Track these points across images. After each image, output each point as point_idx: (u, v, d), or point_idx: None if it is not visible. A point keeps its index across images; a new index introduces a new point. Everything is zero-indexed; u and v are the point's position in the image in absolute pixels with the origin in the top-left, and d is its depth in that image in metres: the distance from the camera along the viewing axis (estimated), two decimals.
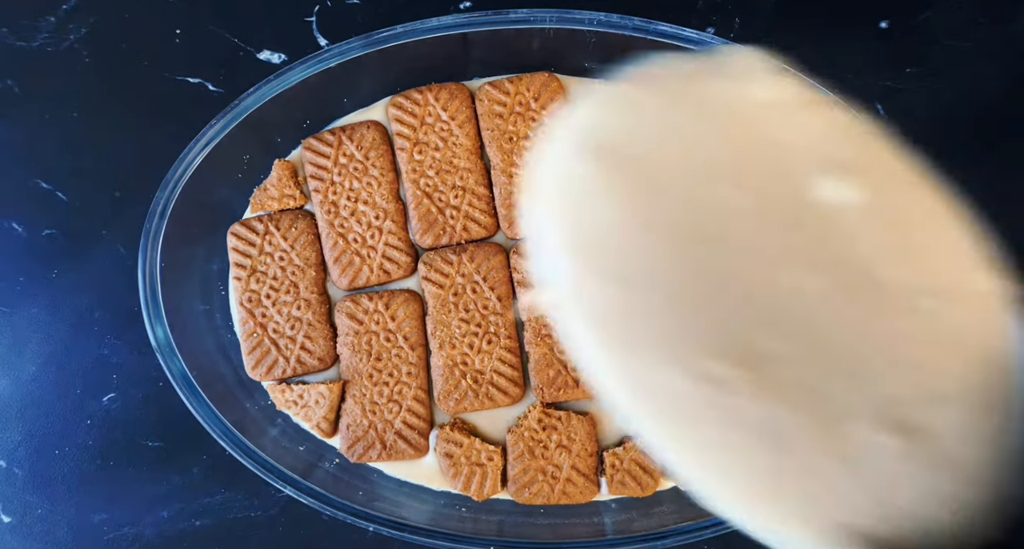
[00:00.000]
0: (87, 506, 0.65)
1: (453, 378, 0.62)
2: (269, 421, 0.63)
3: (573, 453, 0.61)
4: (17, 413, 0.66)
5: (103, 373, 0.66)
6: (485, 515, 0.62)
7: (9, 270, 0.67)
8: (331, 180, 0.64)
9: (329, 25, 0.69)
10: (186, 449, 0.66)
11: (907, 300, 0.33)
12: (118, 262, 0.66)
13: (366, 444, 0.62)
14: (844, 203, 0.34)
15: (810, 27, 0.69)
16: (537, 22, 0.59)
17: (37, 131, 0.68)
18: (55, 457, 0.66)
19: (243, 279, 0.63)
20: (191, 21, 0.68)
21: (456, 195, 0.64)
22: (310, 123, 0.65)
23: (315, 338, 0.63)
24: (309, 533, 0.65)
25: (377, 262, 0.64)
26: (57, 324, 0.67)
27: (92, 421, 0.66)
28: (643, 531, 0.59)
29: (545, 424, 0.62)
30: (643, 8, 0.65)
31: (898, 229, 0.35)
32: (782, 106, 0.36)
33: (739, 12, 0.69)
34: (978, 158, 0.68)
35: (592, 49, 0.62)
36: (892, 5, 0.68)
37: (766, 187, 0.33)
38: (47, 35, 0.68)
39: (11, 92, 0.68)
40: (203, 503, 0.65)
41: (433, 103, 0.64)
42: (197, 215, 0.61)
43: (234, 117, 0.60)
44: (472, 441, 0.62)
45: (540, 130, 0.60)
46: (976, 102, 0.68)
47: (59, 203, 0.67)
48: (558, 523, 0.62)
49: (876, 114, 0.68)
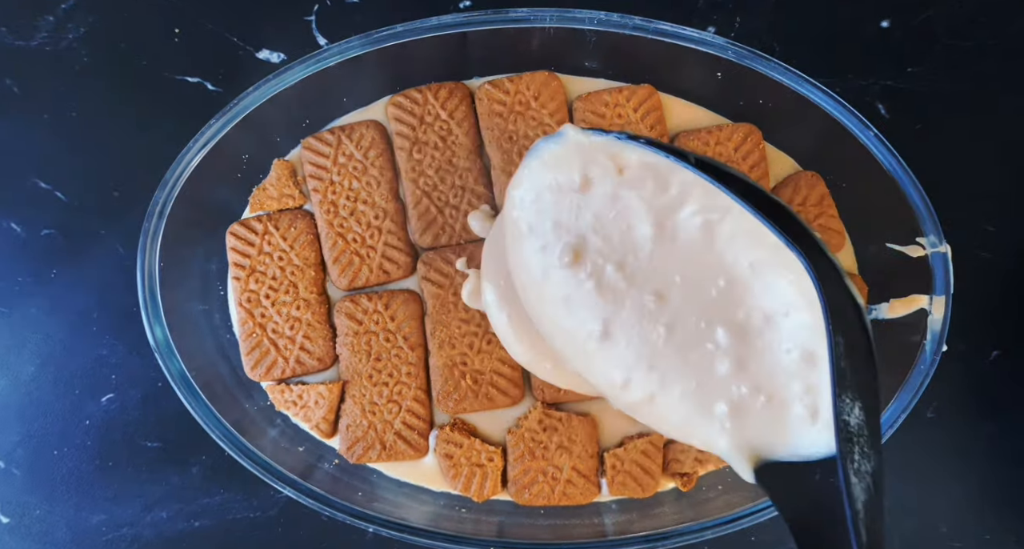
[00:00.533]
0: (86, 507, 0.65)
1: (452, 378, 0.62)
2: (268, 422, 0.63)
3: (573, 454, 0.61)
4: (15, 413, 0.66)
5: (102, 373, 0.66)
6: (485, 516, 0.62)
7: (8, 270, 0.67)
8: (330, 180, 0.64)
9: (329, 24, 0.68)
10: (185, 449, 0.66)
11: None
12: (117, 262, 0.66)
13: (365, 445, 0.62)
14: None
15: (810, 27, 0.69)
16: (537, 21, 0.59)
17: (36, 131, 0.68)
18: (53, 458, 0.66)
19: (242, 279, 0.63)
20: (190, 21, 0.68)
21: (455, 194, 0.64)
22: (310, 123, 0.65)
23: (314, 338, 0.63)
24: (309, 533, 0.65)
25: (376, 262, 0.63)
26: (56, 324, 0.66)
27: (91, 421, 0.66)
28: (643, 532, 0.59)
29: (545, 425, 0.62)
30: (643, 7, 0.65)
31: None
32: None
33: (739, 11, 0.69)
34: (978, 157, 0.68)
35: (592, 49, 0.62)
36: (892, 5, 0.68)
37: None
38: (46, 34, 0.68)
39: (10, 92, 0.68)
40: (202, 504, 0.65)
41: (432, 102, 0.64)
42: (196, 215, 0.61)
43: (233, 117, 0.59)
44: (472, 442, 0.61)
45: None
46: (976, 102, 0.68)
47: (58, 203, 0.67)
48: (558, 524, 0.62)
49: (876, 114, 0.68)
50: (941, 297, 0.58)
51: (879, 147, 0.59)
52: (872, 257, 0.63)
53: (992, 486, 0.65)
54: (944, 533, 0.65)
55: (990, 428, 0.66)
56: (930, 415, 0.65)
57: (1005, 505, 0.65)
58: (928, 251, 0.58)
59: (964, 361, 0.65)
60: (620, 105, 0.63)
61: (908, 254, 0.60)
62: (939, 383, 0.58)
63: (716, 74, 0.62)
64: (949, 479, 0.65)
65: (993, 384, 0.66)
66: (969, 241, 0.66)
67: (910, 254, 0.60)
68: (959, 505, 0.65)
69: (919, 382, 0.57)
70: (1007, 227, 0.67)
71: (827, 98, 0.59)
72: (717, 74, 0.62)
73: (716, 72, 0.62)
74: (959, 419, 0.66)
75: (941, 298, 0.58)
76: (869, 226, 0.63)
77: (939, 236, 0.58)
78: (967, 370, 0.66)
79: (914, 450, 0.65)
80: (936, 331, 0.58)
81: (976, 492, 0.65)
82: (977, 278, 0.65)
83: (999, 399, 0.66)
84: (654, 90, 0.64)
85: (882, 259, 0.62)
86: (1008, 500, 0.65)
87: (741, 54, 0.59)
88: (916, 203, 0.58)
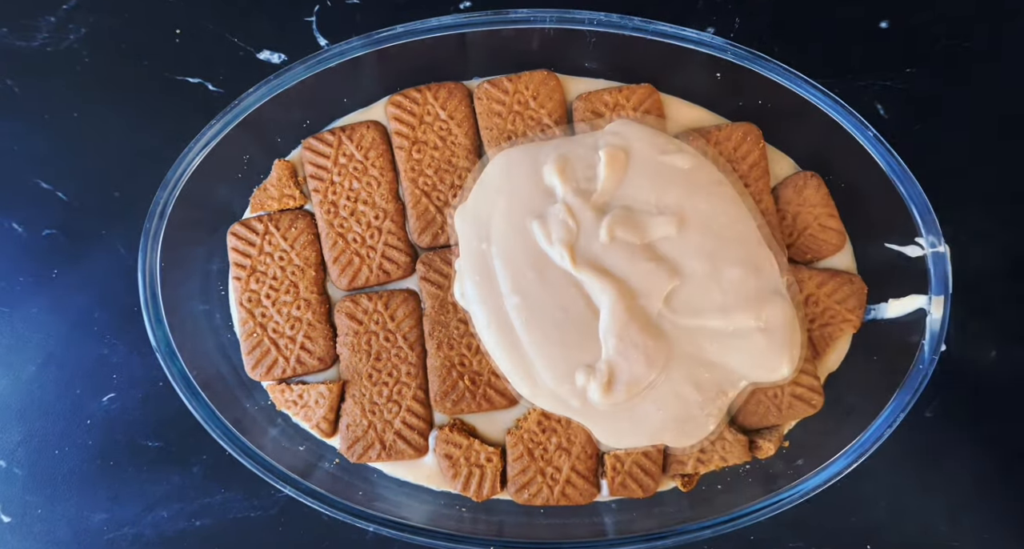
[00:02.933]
0: (87, 506, 0.65)
1: (450, 379, 0.62)
2: (269, 421, 0.63)
3: (573, 455, 0.61)
4: (17, 413, 0.66)
5: (103, 373, 0.66)
6: (485, 515, 0.62)
7: (9, 270, 0.67)
8: (331, 180, 0.64)
9: (329, 25, 0.69)
10: (186, 449, 0.66)
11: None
12: (118, 262, 0.66)
13: (365, 444, 0.62)
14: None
15: (810, 27, 0.69)
16: (537, 22, 0.59)
17: (37, 131, 0.68)
18: (55, 457, 0.66)
19: (243, 279, 0.63)
20: (191, 21, 0.68)
21: (455, 194, 0.64)
22: (310, 123, 0.65)
23: (315, 338, 0.63)
24: (309, 533, 0.65)
25: (376, 262, 0.64)
26: (57, 324, 0.67)
27: (92, 421, 0.66)
28: (643, 531, 0.59)
29: (545, 426, 0.62)
30: (643, 8, 0.65)
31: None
32: None
33: (739, 12, 0.69)
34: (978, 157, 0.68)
35: (592, 49, 0.62)
36: (892, 5, 0.68)
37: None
38: (47, 35, 0.68)
39: (11, 92, 0.68)
40: (203, 503, 0.65)
41: (432, 102, 0.64)
42: (197, 215, 0.61)
43: (234, 117, 0.60)
44: (471, 442, 0.62)
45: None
46: (975, 102, 0.68)
47: (59, 203, 0.67)
48: (558, 523, 0.62)
49: (875, 114, 0.68)
50: (940, 297, 0.58)
51: (878, 147, 0.59)
52: (871, 257, 0.63)
53: (991, 486, 0.65)
54: (944, 533, 0.65)
55: (989, 428, 0.66)
56: (929, 415, 0.66)
57: (1004, 505, 0.65)
58: (927, 251, 0.58)
59: (963, 361, 0.65)
60: (620, 105, 0.63)
61: (907, 254, 0.60)
62: (938, 383, 0.58)
63: (716, 74, 0.62)
64: (948, 479, 0.65)
65: (992, 384, 0.66)
66: (968, 241, 0.66)
67: (909, 254, 0.60)
68: (959, 505, 0.65)
69: (918, 382, 0.57)
70: (1006, 227, 0.67)
71: (826, 98, 0.59)
72: (716, 74, 0.62)
73: (716, 72, 0.62)
74: (958, 419, 0.66)
75: (940, 298, 0.58)
76: (869, 226, 0.63)
77: (938, 236, 0.58)
78: (966, 370, 0.66)
79: (913, 450, 0.65)
80: (935, 331, 0.58)
81: (975, 492, 0.65)
82: (976, 278, 0.66)
83: (998, 399, 0.66)
84: (654, 90, 0.64)
85: (881, 259, 0.62)
86: (1007, 500, 0.65)
87: (740, 55, 0.59)
88: (915, 203, 0.58)
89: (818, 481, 0.58)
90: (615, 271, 0.59)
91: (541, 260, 0.60)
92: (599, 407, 0.59)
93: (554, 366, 0.59)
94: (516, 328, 0.59)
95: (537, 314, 0.59)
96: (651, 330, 0.59)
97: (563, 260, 0.59)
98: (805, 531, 0.65)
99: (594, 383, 0.58)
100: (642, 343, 0.58)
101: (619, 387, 0.58)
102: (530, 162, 0.62)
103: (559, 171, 0.61)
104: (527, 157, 0.62)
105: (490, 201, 0.61)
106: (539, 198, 0.61)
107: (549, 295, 0.59)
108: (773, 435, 0.62)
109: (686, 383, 0.59)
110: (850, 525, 0.65)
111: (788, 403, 0.61)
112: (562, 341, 0.59)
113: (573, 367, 0.59)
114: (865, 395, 0.60)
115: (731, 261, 0.60)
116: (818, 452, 0.59)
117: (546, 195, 0.61)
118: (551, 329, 0.59)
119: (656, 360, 0.58)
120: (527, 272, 0.60)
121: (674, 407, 0.59)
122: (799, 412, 0.62)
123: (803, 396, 0.61)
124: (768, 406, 0.61)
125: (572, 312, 0.59)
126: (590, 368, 0.59)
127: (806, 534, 0.65)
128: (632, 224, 0.59)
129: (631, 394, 0.58)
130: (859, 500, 0.65)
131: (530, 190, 0.61)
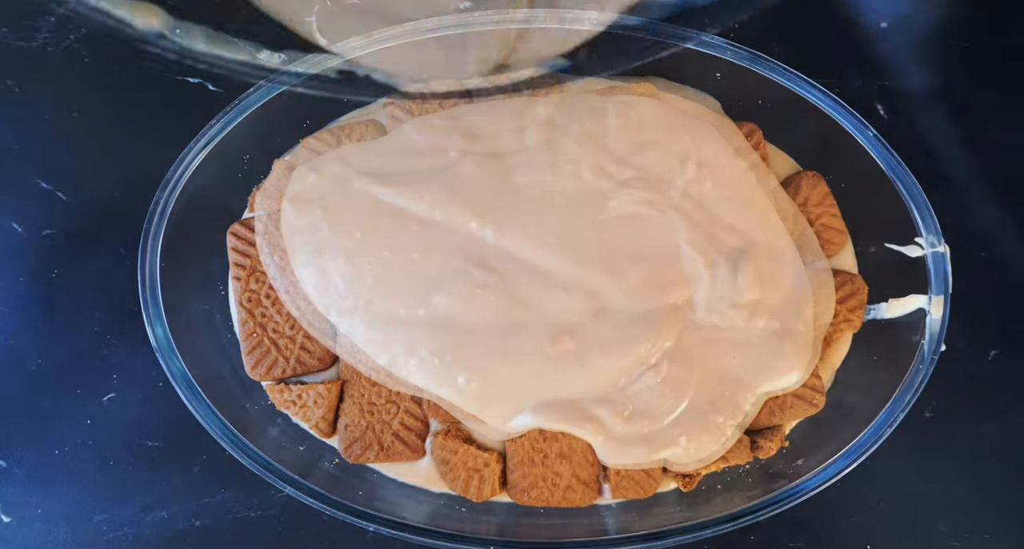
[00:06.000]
0: (87, 506, 0.65)
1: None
2: (269, 421, 0.63)
3: (573, 462, 0.61)
4: (17, 413, 0.66)
5: (103, 373, 0.66)
6: (485, 515, 0.62)
7: (9, 270, 0.67)
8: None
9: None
10: (186, 449, 0.66)
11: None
12: (118, 262, 0.66)
13: (363, 445, 0.62)
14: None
15: (809, 27, 0.69)
16: (536, 22, 0.59)
17: (37, 131, 0.68)
18: (55, 457, 0.66)
19: (242, 279, 0.63)
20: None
21: None
22: (310, 123, 0.65)
23: (314, 338, 0.63)
24: (309, 533, 0.65)
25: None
26: (57, 324, 0.67)
27: (92, 421, 0.66)
28: (643, 531, 0.59)
29: (546, 434, 0.61)
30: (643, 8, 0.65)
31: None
32: None
33: None
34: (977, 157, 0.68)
35: (592, 49, 0.62)
36: (892, 5, 0.68)
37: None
38: (47, 35, 0.68)
39: (11, 92, 0.68)
40: (203, 503, 0.65)
41: (432, 102, 0.64)
42: (196, 215, 0.61)
43: (234, 117, 0.60)
44: (468, 448, 0.61)
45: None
46: (975, 102, 0.68)
47: (59, 203, 0.67)
48: (558, 523, 0.62)
49: (875, 114, 0.68)
50: (940, 297, 0.58)
51: (878, 147, 0.59)
52: (871, 257, 0.63)
53: (991, 486, 0.65)
54: (944, 533, 0.65)
55: (989, 428, 0.66)
56: (929, 415, 0.66)
57: (1004, 505, 0.65)
58: (927, 251, 0.58)
59: (963, 361, 0.65)
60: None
61: (907, 254, 0.60)
62: (938, 383, 0.58)
63: (716, 74, 0.62)
64: (948, 479, 0.65)
65: (992, 384, 0.66)
66: (968, 241, 0.66)
67: (909, 254, 0.60)
68: (959, 505, 0.65)
69: (918, 382, 0.57)
70: (1006, 227, 0.67)
71: (826, 99, 0.59)
72: (717, 74, 0.62)
73: (716, 72, 0.62)
74: (958, 419, 0.66)
75: (940, 298, 0.58)
76: (868, 226, 0.63)
77: (938, 236, 0.58)
78: (966, 370, 0.66)
79: (913, 450, 0.65)
80: (935, 331, 0.58)
81: (976, 492, 0.65)
82: (976, 278, 0.66)
83: (998, 399, 0.66)
84: (654, 90, 0.64)
85: (881, 259, 0.62)
86: (1007, 500, 0.65)
87: (740, 55, 0.59)
88: (915, 203, 0.58)
89: (818, 481, 0.58)
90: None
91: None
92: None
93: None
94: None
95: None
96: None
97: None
98: (805, 531, 0.65)
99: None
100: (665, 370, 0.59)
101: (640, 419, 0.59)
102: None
103: None
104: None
105: None
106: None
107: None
108: (774, 435, 0.62)
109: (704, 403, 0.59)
110: (850, 525, 0.65)
111: (790, 403, 0.61)
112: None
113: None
114: (865, 395, 0.60)
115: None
116: (818, 452, 0.59)
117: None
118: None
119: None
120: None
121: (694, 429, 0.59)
122: (801, 412, 0.61)
123: (805, 396, 0.61)
124: (769, 406, 0.61)
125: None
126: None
127: (806, 534, 0.65)
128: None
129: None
130: (859, 500, 0.65)
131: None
